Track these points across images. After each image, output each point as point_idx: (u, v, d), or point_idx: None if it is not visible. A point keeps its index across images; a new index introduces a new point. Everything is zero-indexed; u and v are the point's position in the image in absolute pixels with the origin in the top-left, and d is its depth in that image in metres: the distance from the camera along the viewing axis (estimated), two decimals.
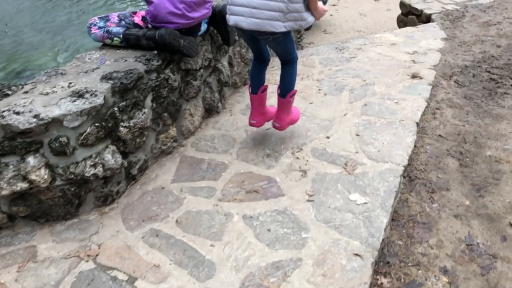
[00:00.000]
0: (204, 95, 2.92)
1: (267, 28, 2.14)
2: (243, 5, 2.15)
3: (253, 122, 2.66)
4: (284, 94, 2.53)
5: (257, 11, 2.12)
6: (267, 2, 2.09)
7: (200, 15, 2.46)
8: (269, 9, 2.11)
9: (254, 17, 2.14)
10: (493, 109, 3.10)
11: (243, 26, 2.19)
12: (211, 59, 2.91)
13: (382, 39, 4.33)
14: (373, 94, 3.28)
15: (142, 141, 2.35)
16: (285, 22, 2.14)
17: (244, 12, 2.15)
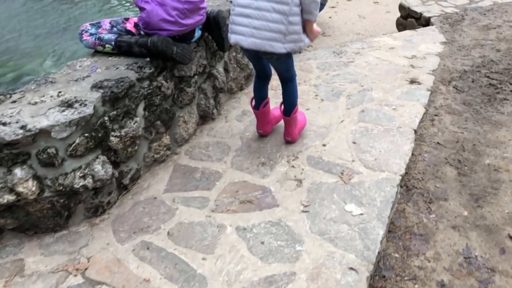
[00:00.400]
0: (199, 102, 2.88)
1: (267, 48, 2.21)
2: (245, 25, 2.23)
3: (260, 132, 2.81)
4: (289, 112, 2.62)
5: (258, 32, 2.20)
6: (267, 24, 2.17)
7: (193, 21, 2.43)
8: (269, 30, 2.18)
9: (254, 37, 2.21)
10: (492, 115, 3.06)
11: (243, 45, 2.27)
12: (205, 65, 2.87)
13: (380, 43, 4.29)
14: (371, 100, 3.24)
15: (134, 150, 2.31)
16: (285, 44, 2.20)
17: (245, 31, 2.23)
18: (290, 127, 2.69)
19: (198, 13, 2.45)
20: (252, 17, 2.20)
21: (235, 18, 2.27)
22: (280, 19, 2.15)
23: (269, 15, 2.16)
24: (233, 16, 2.28)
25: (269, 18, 2.17)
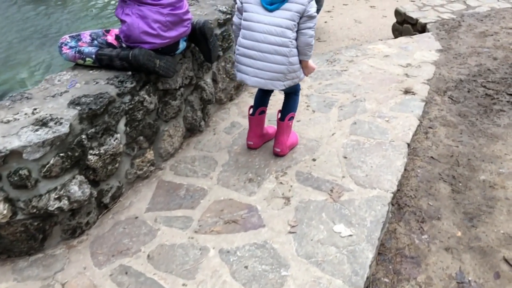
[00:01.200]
0: (185, 115, 2.81)
1: (269, 86, 2.42)
2: (248, 65, 2.39)
3: (250, 144, 2.76)
4: (283, 116, 2.65)
5: (261, 72, 2.37)
6: (270, 65, 2.34)
7: (177, 34, 2.35)
8: (271, 71, 2.35)
9: (258, 77, 2.39)
10: (488, 128, 2.99)
11: (247, 83, 2.45)
12: (192, 77, 2.79)
13: (374, 51, 4.22)
14: (363, 111, 3.17)
15: (114, 168, 2.23)
16: (285, 81, 2.40)
17: (249, 71, 2.40)
18: (282, 136, 2.66)
19: (182, 24, 2.37)
20: (255, 59, 2.35)
21: (240, 58, 2.42)
22: (282, 60, 2.31)
23: (272, 57, 2.32)
24: (238, 56, 2.43)
25: (271, 60, 2.32)
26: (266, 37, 2.30)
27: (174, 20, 2.29)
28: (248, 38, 2.36)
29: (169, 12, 2.24)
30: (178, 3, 2.29)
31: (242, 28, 2.38)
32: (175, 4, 2.26)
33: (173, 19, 2.27)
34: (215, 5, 3.19)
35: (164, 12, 2.22)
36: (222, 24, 3.08)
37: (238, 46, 2.42)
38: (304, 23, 2.30)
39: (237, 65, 2.45)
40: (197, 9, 3.16)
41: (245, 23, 2.36)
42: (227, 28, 3.15)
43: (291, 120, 2.68)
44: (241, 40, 2.39)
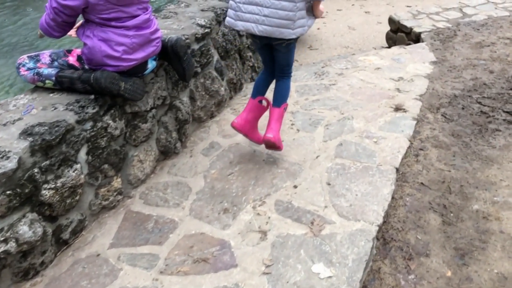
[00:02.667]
0: (158, 137, 2.64)
1: (277, 35, 2.31)
2: (255, 13, 2.30)
3: (235, 122, 2.61)
4: (279, 104, 2.59)
5: (268, 19, 2.29)
6: (277, 11, 2.26)
7: (145, 54, 2.19)
8: (279, 17, 2.27)
9: (265, 24, 2.29)
10: (482, 149, 2.83)
11: (254, 32, 2.34)
12: (165, 97, 2.63)
13: (366, 62, 4.06)
14: (351, 130, 3.01)
15: (75, 201, 2.07)
16: (295, 29, 2.31)
17: (256, 19, 2.31)
18: (275, 123, 2.57)
19: (151, 44, 2.21)
20: (262, 5, 2.28)
21: (243, 6, 2.32)
22: (289, 6, 2.25)
23: (279, 3, 2.25)
24: (240, 4, 2.33)
25: (278, 6, 2.25)
26: None
27: (141, 41, 2.13)
28: None
29: (135, 33, 2.09)
30: (145, 23, 2.13)
31: None
32: (141, 25, 2.10)
33: (139, 40, 2.11)
34: (194, 18, 3.04)
35: (129, 34, 2.06)
36: (200, 38, 2.92)
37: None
38: None
39: (239, 14, 2.35)
40: (174, 22, 3.00)
41: None
42: (206, 43, 2.99)
43: (285, 109, 2.65)
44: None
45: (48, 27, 2.03)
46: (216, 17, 3.15)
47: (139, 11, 2.10)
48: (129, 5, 2.03)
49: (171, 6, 3.33)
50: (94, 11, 1.98)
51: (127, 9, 2.03)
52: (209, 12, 3.15)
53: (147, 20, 2.14)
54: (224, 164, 2.73)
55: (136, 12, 2.08)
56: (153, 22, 2.21)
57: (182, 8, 3.27)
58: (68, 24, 2.04)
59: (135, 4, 2.06)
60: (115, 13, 1.99)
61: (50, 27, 2.02)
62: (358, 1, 7.70)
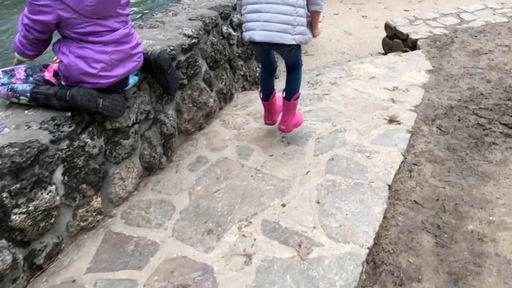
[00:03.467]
0: (142, 152, 2.55)
1: (277, 39, 2.37)
2: (256, 19, 2.39)
3: (268, 123, 2.93)
4: (289, 97, 2.73)
5: (268, 24, 2.36)
6: (277, 16, 2.34)
7: (125, 70, 2.10)
8: (279, 22, 2.35)
9: (265, 30, 2.37)
10: (478, 164, 2.74)
11: (255, 39, 2.41)
12: (149, 111, 2.54)
13: (360, 71, 3.97)
14: (343, 144, 2.92)
15: (49, 224, 1.98)
16: (295, 35, 2.38)
17: (256, 26, 2.40)
18: (289, 115, 2.77)
19: (131, 59, 2.12)
20: (262, 11, 2.37)
21: (247, 15, 2.44)
22: (289, 10, 2.33)
23: (278, 7, 2.34)
24: (245, 14, 2.45)
25: (278, 10, 2.34)
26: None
27: (121, 57, 2.04)
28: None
29: (114, 49, 1.99)
30: (125, 37, 2.04)
31: None
32: (120, 40, 2.01)
33: (119, 56, 2.02)
34: (181, 28, 2.95)
35: (108, 49, 1.97)
36: (187, 49, 2.83)
37: (244, 5, 2.45)
38: None
39: (246, 24, 2.46)
40: (160, 32, 2.91)
41: None
42: (193, 54, 2.90)
43: (297, 99, 2.77)
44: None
45: (21, 45, 1.94)
46: (204, 26, 3.06)
47: (118, 25, 2.00)
48: (106, 18, 1.94)
49: (158, 15, 3.25)
50: (69, 26, 1.89)
51: (104, 22, 1.94)
52: (197, 22, 3.06)
53: (127, 35, 2.05)
54: (211, 180, 2.64)
55: (115, 25, 1.99)
56: (134, 36, 2.12)
57: (170, 17, 3.18)
58: (41, 42, 1.95)
59: (113, 17, 1.97)
60: (91, 27, 1.90)
61: (22, 45, 1.94)
62: (355, 5, 7.62)
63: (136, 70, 2.20)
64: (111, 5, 1.92)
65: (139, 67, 2.22)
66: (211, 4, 3.39)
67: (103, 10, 1.89)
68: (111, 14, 1.95)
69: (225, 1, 3.44)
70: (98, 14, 1.89)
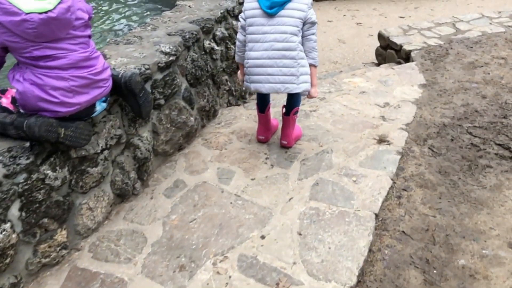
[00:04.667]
0: (113, 179, 2.42)
1: (282, 90, 2.60)
2: (260, 74, 2.59)
3: (262, 138, 3.02)
4: (289, 112, 2.88)
5: (273, 77, 2.58)
6: (280, 69, 2.55)
7: (89, 98, 1.96)
8: (282, 75, 2.56)
9: (270, 82, 2.59)
10: (472, 190, 2.61)
11: (262, 91, 2.65)
12: (121, 135, 2.40)
13: (350, 85, 3.84)
14: (329, 166, 2.78)
15: (5, 265, 1.84)
16: (300, 84, 2.60)
17: (262, 79, 2.60)
18: (288, 128, 2.91)
19: (97, 85, 1.98)
20: (266, 66, 2.57)
21: (251, 70, 2.62)
22: (291, 63, 2.53)
23: (280, 61, 2.54)
24: (249, 69, 2.63)
25: (280, 64, 2.54)
26: (273, 44, 2.53)
27: (83, 83, 1.90)
28: (256, 49, 2.58)
29: (73, 74, 1.85)
30: (85, 61, 1.89)
31: (249, 42, 2.61)
32: (78, 64, 1.87)
33: (80, 82, 1.88)
34: (159, 44, 2.81)
35: (65, 75, 1.83)
36: (164, 67, 2.69)
37: (247, 60, 2.63)
38: (308, 30, 2.59)
39: (249, 77, 2.65)
40: (136, 49, 2.78)
41: (251, 37, 2.60)
42: (171, 71, 2.76)
43: (296, 114, 2.90)
44: (249, 54, 2.61)
45: None
46: (184, 42, 2.93)
47: (74, 47, 1.85)
48: (57, 40, 1.79)
49: (137, 29, 3.11)
50: (15, 51, 1.76)
51: (55, 45, 1.79)
52: (176, 37, 2.92)
53: (87, 59, 1.90)
54: (187, 207, 2.51)
55: (70, 48, 1.84)
56: (97, 60, 1.98)
57: (148, 32, 3.05)
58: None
59: (66, 40, 1.82)
60: (38, 51, 1.75)
61: None
62: (350, 12, 7.50)
63: (103, 96, 2.06)
64: (60, 27, 1.77)
65: (106, 93, 2.08)
66: (193, 17, 3.26)
67: (50, 32, 1.74)
68: (62, 36, 1.80)
69: (208, 15, 3.31)
70: (45, 37, 1.74)
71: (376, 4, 7.89)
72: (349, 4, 7.88)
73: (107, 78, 2.04)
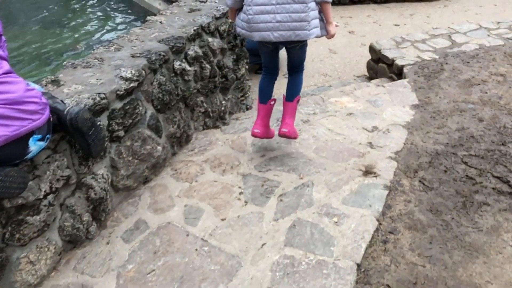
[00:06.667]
0: (62, 224, 2.16)
1: (293, 38, 2.45)
2: (268, 21, 2.44)
3: (256, 131, 2.84)
4: (292, 98, 2.80)
5: (282, 24, 2.43)
6: (289, 15, 2.40)
7: (8, 134, 1.67)
8: (293, 21, 2.41)
9: (280, 30, 2.44)
10: (466, 233, 2.36)
11: (271, 39, 2.48)
12: (69, 176, 2.14)
13: (337, 106, 3.59)
14: (309, 204, 2.54)
15: None
16: (311, 30, 2.45)
17: (270, 27, 2.45)
18: (290, 118, 2.81)
19: (17, 118, 1.70)
20: (274, 12, 2.42)
21: (255, 17, 2.45)
22: (301, 8, 2.39)
23: (289, 6, 2.40)
24: (252, 16, 2.45)
25: (290, 10, 2.40)
26: None
27: None
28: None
29: None
30: None
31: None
32: None
33: None
34: (119, 68, 2.56)
35: None
36: (124, 95, 2.44)
37: (250, 6, 2.45)
38: None
39: (253, 25, 2.47)
40: (94, 74, 2.53)
41: None
42: (132, 99, 2.51)
43: (298, 102, 2.85)
44: None
45: None
46: (149, 64, 2.67)
47: None
48: None
49: (99, 49, 2.85)
50: None
51: None
52: (140, 59, 2.67)
53: None
54: (147, 255, 2.25)
55: None
56: (16, 85, 1.70)
57: (111, 53, 2.79)
58: None
59: None
60: None
61: None
62: (343, 19, 7.26)
63: (30, 131, 1.78)
64: None
65: (37, 127, 1.80)
66: (163, 36, 3.00)
67: None
68: None
69: (180, 32, 3.05)
70: None
71: (370, 11, 7.65)
72: (342, 11, 7.63)
73: (35, 110, 1.76)
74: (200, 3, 3.66)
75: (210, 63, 3.28)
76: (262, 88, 2.86)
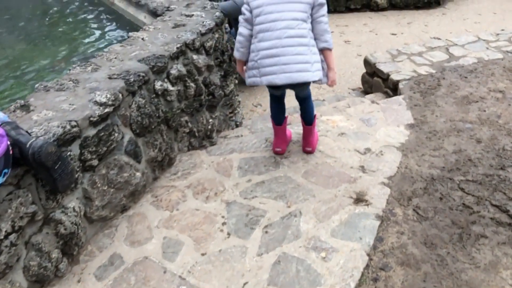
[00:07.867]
0: (27, 264, 2.02)
1: (299, 79, 2.51)
2: (273, 64, 2.51)
3: (279, 150, 3.04)
4: (309, 122, 2.96)
5: (287, 67, 2.49)
6: (294, 57, 2.48)
7: None
8: (297, 63, 2.49)
9: (285, 72, 2.50)
10: (462, 270, 2.22)
11: (276, 82, 2.54)
12: (35, 212, 2.00)
13: (329, 125, 3.46)
14: (295, 236, 2.40)
15: None
16: (315, 72, 2.54)
17: (275, 70, 2.51)
18: (310, 136, 3.01)
19: None
20: (280, 55, 2.50)
21: (263, 61, 2.54)
22: (304, 50, 2.49)
23: (294, 49, 2.48)
24: (259, 61, 2.54)
25: (294, 52, 2.48)
26: (286, 31, 2.48)
27: None
28: (267, 39, 2.52)
29: None
30: None
31: (258, 33, 2.54)
32: None
33: None
34: (95, 91, 2.42)
35: None
36: (98, 121, 2.30)
37: (257, 51, 2.55)
38: (318, 12, 2.54)
39: (259, 70, 2.56)
40: (67, 98, 2.40)
41: (260, 27, 2.53)
42: (108, 124, 2.38)
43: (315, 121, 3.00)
44: (260, 45, 2.54)
45: None
46: (127, 87, 2.54)
47: None
48: None
49: (76, 69, 2.72)
50: None
51: None
52: (118, 81, 2.53)
53: None
54: None
55: None
56: None
57: (88, 73, 2.66)
58: None
59: None
60: None
61: None
62: (338, 28, 7.14)
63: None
64: None
65: None
66: (144, 54, 2.87)
67: None
68: None
69: (162, 50, 2.92)
70: None
71: (367, 19, 7.53)
72: (338, 19, 7.51)
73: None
74: (186, 17, 3.54)
75: (195, 81, 3.15)
76: (275, 114, 2.96)
